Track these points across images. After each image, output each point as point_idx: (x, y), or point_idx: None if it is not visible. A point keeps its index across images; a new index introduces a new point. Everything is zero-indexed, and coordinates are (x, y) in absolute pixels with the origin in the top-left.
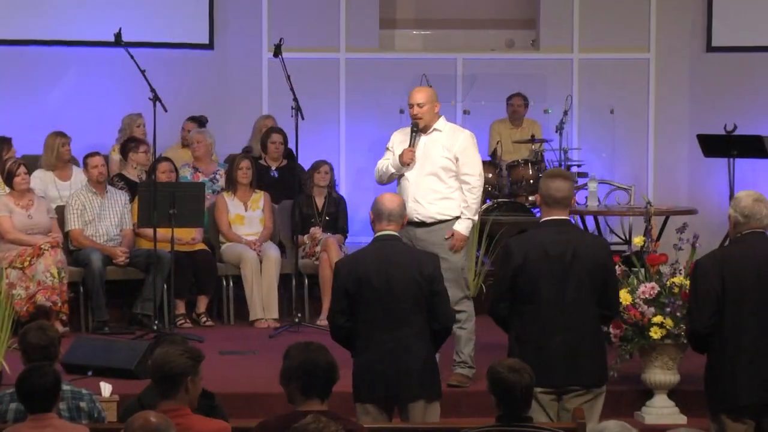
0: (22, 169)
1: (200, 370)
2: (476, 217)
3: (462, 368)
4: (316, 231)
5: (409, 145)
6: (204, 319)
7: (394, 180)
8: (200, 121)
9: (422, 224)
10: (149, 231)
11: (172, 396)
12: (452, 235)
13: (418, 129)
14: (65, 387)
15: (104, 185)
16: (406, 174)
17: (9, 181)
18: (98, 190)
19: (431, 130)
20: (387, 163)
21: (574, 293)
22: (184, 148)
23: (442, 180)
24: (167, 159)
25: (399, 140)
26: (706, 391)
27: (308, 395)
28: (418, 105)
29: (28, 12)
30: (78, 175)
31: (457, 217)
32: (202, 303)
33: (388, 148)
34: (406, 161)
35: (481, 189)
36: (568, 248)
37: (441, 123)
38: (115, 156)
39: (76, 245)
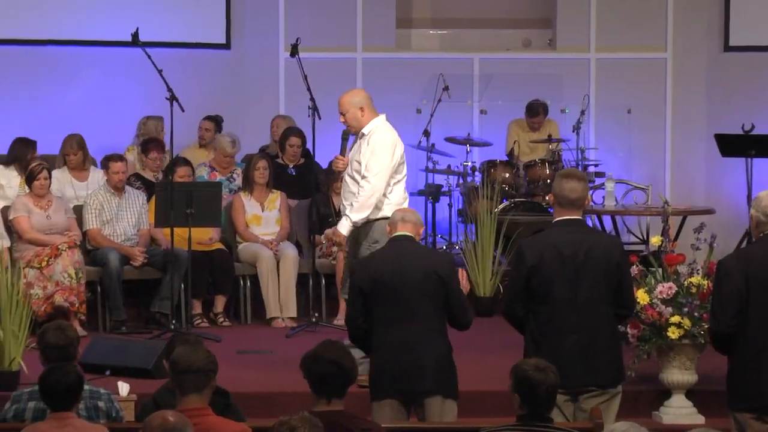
0: (44, 174)
1: None
2: (356, 218)
3: None
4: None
5: (340, 153)
6: (221, 318)
7: None
8: (216, 120)
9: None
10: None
11: (199, 390)
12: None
13: (347, 135)
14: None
15: (123, 188)
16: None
17: (30, 182)
18: (116, 191)
19: (360, 133)
20: None
21: (587, 293)
22: (202, 148)
23: (357, 182)
24: (186, 162)
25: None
26: (728, 390)
27: (319, 394)
28: (341, 114)
29: (45, 12)
30: (95, 174)
31: (383, 218)
32: (220, 303)
33: None
34: (333, 169)
35: (374, 190)
36: (581, 248)
37: (370, 125)
38: (130, 156)
39: (93, 245)
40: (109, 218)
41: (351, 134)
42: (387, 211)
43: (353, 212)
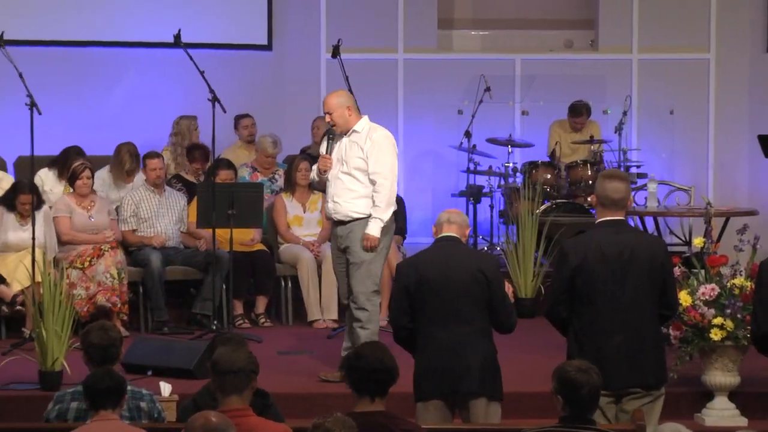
0: (87, 173)
1: None
2: (386, 217)
3: None
4: None
5: (326, 152)
6: (263, 319)
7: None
8: (250, 118)
9: (341, 222)
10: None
11: (240, 391)
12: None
13: (334, 135)
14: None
15: (162, 185)
16: (328, 175)
17: (72, 182)
18: (156, 189)
19: (351, 131)
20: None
21: (631, 293)
22: (242, 147)
23: (357, 179)
24: (229, 166)
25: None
26: None
27: (360, 393)
28: (328, 113)
29: (89, 14)
30: (140, 176)
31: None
32: (261, 303)
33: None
34: (321, 169)
35: (390, 188)
36: (625, 248)
37: (361, 123)
38: (165, 155)
39: (128, 244)
40: (147, 216)
41: (336, 134)
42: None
43: (380, 213)
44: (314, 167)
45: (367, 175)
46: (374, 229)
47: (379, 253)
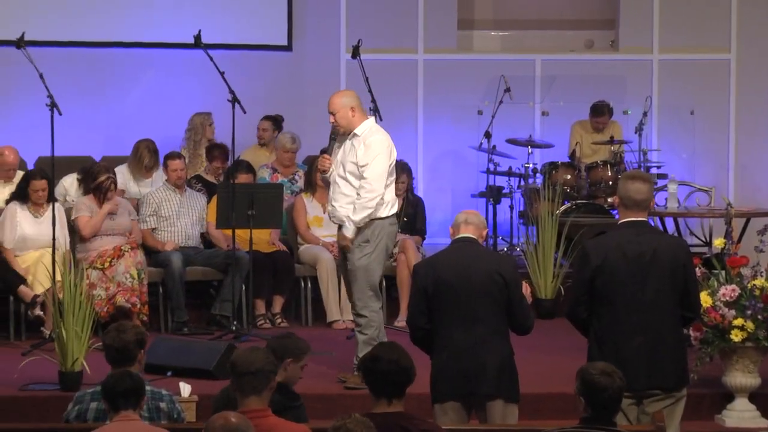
0: (111, 187)
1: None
2: (359, 219)
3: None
4: None
5: (327, 152)
6: (279, 319)
7: None
8: (275, 120)
9: (339, 226)
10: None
11: (258, 392)
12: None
13: (336, 135)
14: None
15: (183, 186)
16: (330, 176)
17: (96, 191)
18: (177, 189)
19: (352, 134)
20: None
21: (652, 295)
22: (262, 147)
23: (351, 184)
24: (249, 170)
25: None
26: None
27: (378, 395)
28: (332, 113)
29: (109, 14)
30: (159, 173)
31: (376, 218)
32: (278, 303)
33: None
34: (319, 169)
35: (373, 194)
36: (647, 249)
37: (362, 126)
38: (184, 154)
39: (146, 245)
40: (168, 215)
41: (339, 134)
42: (379, 211)
43: (355, 214)
44: None
45: (359, 180)
46: (347, 230)
47: (376, 258)
